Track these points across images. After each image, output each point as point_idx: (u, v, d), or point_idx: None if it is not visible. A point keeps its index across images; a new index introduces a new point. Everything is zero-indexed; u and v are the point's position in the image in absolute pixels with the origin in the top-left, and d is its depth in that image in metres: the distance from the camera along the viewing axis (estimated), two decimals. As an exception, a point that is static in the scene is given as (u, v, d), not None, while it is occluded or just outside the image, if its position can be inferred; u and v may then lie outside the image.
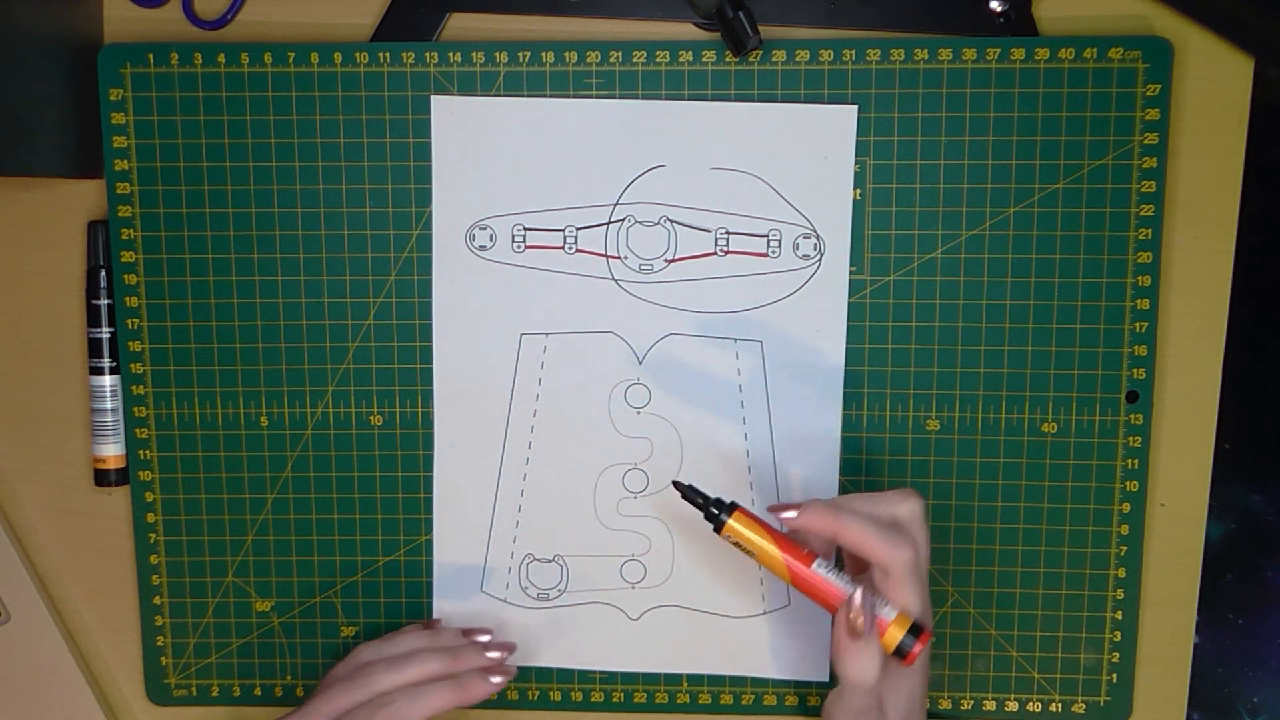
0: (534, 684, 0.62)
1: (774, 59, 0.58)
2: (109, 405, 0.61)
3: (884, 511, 0.51)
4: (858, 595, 0.50)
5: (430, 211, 0.59)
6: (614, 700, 0.62)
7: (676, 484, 0.54)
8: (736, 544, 0.52)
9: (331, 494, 0.61)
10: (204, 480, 0.62)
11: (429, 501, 0.61)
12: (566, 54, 0.58)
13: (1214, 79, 0.58)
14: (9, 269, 0.62)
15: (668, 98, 0.58)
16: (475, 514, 0.61)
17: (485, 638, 0.59)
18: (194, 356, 0.61)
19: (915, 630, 0.50)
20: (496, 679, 0.56)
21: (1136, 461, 0.59)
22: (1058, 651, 0.61)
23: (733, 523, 0.52)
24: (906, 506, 0.51)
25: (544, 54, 0.58)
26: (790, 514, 0.51)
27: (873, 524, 0.50)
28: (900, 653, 0.50)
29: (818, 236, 0.59)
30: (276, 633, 0.63)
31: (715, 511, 0.52)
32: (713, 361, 0.60)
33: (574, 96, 0.58)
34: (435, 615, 0.62)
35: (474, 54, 0.58)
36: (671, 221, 0.59)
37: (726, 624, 0.61)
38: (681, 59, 0.58)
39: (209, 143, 0.59)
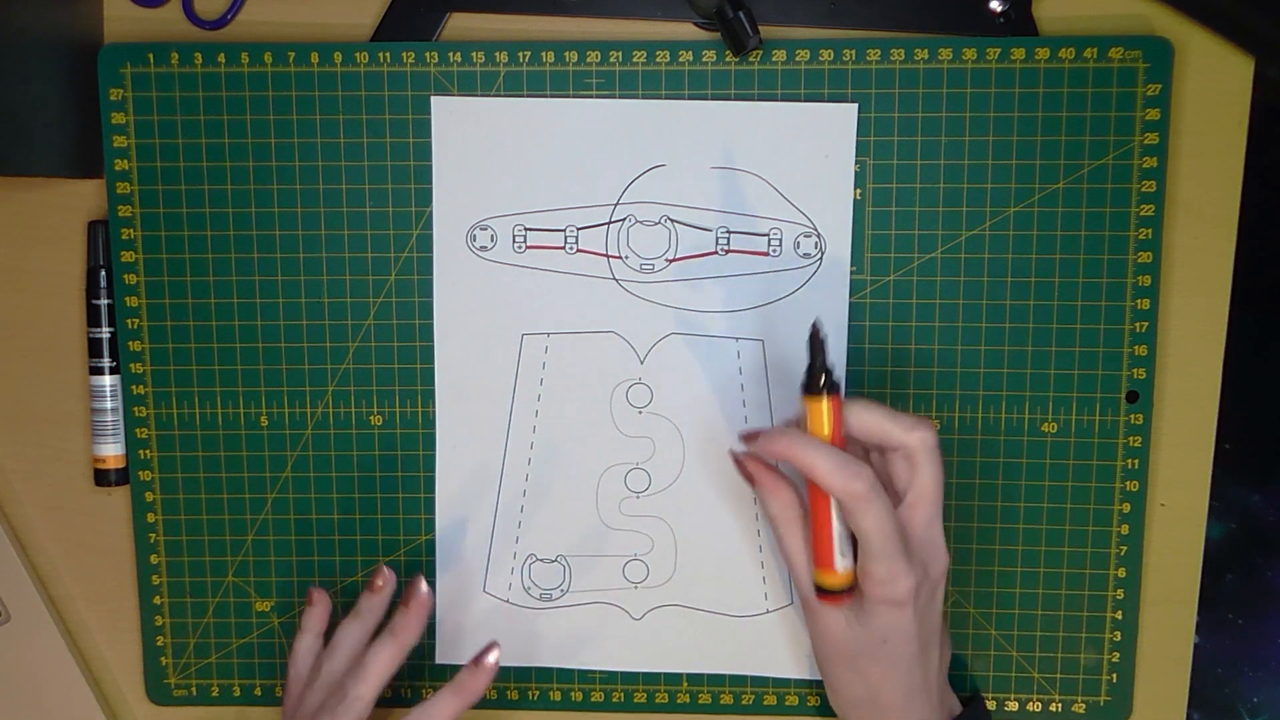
0: (534, 684, 0.62)
1: (774, 59, 0.58)
2: (109, 405, 0.61)
3: (885, 435, 0.51)
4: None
5: (430, 211, 0.59)
6: (614, 700, 0.62)
7: (815, 326, 0.52)
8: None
9: (331, 494, 0.61)
10: (204, 480, 0.61)
11: (429, 501, 0.61)
12: (566, 54, 0.58)
13: (1214, 79, 0.58)
14: (9, 269, 0.62)
15: (668, 98, 0.58)
16: (477, 514, 0.61)
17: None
18: (194, 356, 0.61)
19: (847, 588, 0.52)
20: (490, 662, 0.55)
21: (1136, 461, 0.59)
22: (1058, 651, 0.61)
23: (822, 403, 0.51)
24: (916, 436, 0.51)
25: (544, 54, 0.58)
26: (750, 444, 0.53)
27: (825, 453, 0.49)
28: (819, 590, 0.53)
29: (818, 235, 0.59)
30: (276, 633, 0.63)
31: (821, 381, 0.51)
32: (714, 361, 0.60)
33: (574, 96, 0.58)
34: (438, 615, 0.62)
35: (474, 54, 0.58)
36: (672, 221, 0.59)
37: (729, 623, 0.61)
38: (681, 59, 0.58)
39: (209, 143, 0.59)
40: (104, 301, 0.60)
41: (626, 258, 0.59)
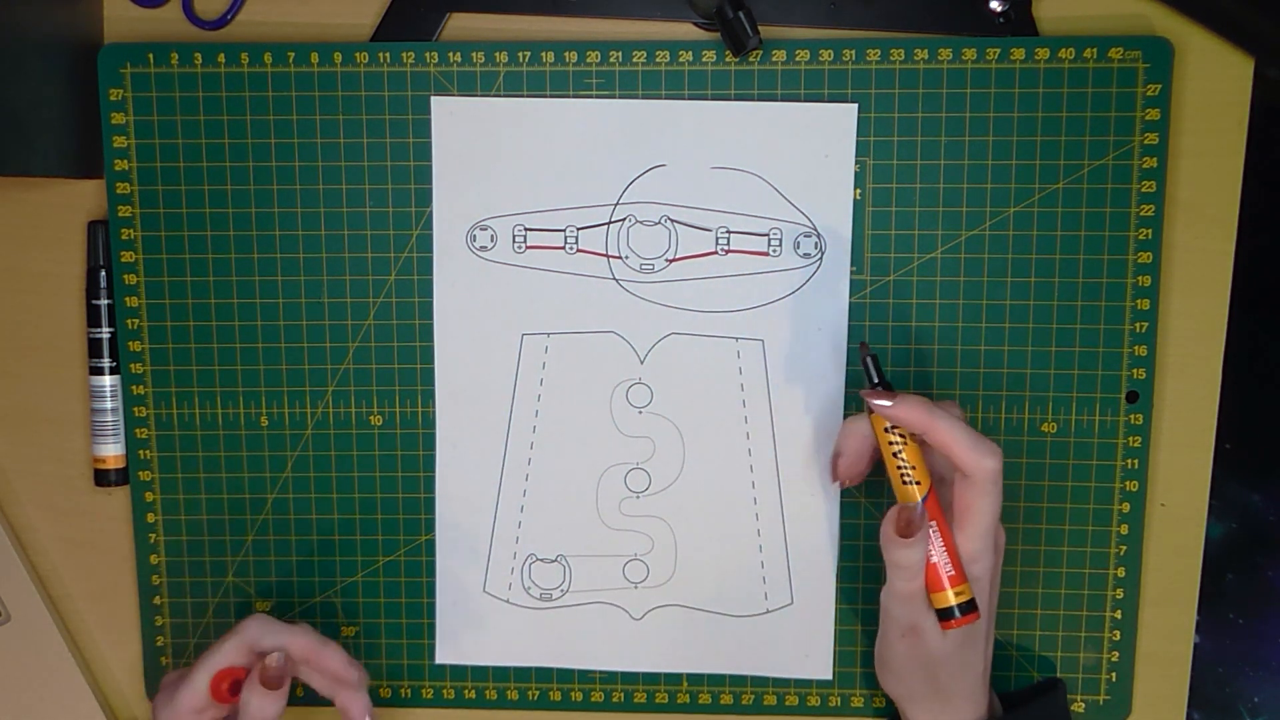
0: (534, 684, 0.62)
1: (774, 59, 0.58)
2: (109, 405, 0.61)
3: (950, 454, 0.52)
4: (919, 506, 0.52)
5: (430, 211, 0.59)
6: (614, 700, 0.62)
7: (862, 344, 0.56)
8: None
9: (331, 494, 0.61)
10: (204, 480, 0.61)
11: (429, 501, 0.61)
12: (566, 54, 0.58)
13: (1214, 79, 0.58)
14: (9, 269, 0.62)
15: (668, 98, 0.58)
16: (477, 514, 0.61)
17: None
18: (194, 356, 0.61)
19: (968, 607, 0.52)
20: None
21: (1136, 461, 0.59)
22: (1057, 651, 0.61)
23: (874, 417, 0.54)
24: (981, 466, 0.52)
25: (544, 54, 0.58)
26: (885, 402, 0.52)
27: (963, 428, 0.51)
28: (945, 614, 0.52)
29: (818, 235, 0.59)
30: (276, 633, 0.62)
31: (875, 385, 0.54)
32: (714, 361, 0.60)
33: (574, 96, 0.58)
34: (438, 615, 0.62)
35: (474, 54, 0.58)
36: (672, 221, 0.59)
37: (729, 623, 0.61)
38: (681, 59, 0.58)
39: (209, 143, 0.59)
40: (104, 301, 0.60)
41: (626, 258, 0.59)
